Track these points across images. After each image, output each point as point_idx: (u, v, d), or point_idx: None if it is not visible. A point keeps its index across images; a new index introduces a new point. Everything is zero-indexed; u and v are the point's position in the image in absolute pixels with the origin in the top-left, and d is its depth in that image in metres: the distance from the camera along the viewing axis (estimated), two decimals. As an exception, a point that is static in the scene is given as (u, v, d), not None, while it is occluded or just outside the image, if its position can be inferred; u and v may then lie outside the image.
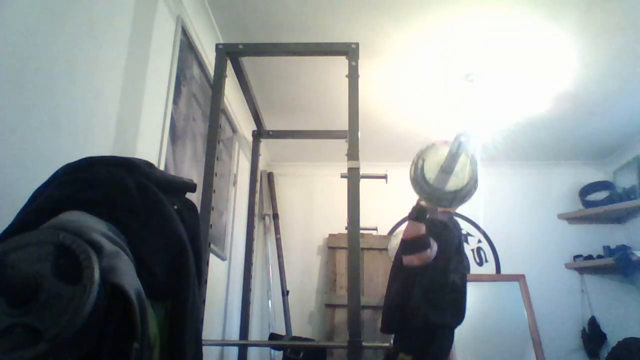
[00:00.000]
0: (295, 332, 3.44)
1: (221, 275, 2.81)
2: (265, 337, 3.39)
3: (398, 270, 2.23)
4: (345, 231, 1.99)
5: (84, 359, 0.64)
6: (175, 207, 0.89)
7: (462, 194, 1.89)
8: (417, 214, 2.02)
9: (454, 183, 1.86)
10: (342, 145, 2.09)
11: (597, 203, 3.71)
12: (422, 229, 2.01)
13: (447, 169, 1.85)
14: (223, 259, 2.80)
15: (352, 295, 1.71)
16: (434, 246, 2.02)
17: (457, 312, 2.16)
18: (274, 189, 3.95)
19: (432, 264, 2.04)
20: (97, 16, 1.38)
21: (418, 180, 1.91)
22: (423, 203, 2.04)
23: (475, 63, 2.62)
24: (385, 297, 2.32)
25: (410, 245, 2.04)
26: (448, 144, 1.87)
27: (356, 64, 1.95)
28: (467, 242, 3.85)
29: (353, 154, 1.86)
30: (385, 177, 2.19)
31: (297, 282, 3.76)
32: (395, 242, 3.30)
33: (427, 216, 2.03)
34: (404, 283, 2.15)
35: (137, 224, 0.80)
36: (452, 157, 1.83)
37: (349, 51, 1.97)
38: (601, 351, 3.43)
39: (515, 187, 3.97)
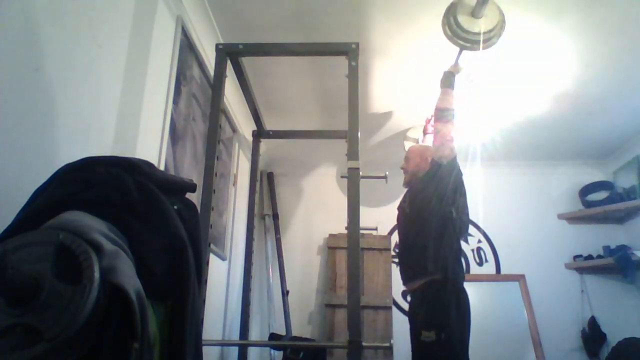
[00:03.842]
0: (295, 332, 3.44)
1: (221, 275, 2.81)
2: (265, 337, 3.39)
3: (409, 217, 2.33)
4: (345, 231, 1.99)
5: (84, 359, 0.64)
6: (175, 207, 0.90)
7: (496, 31, 2.07)
8: (445, 79, 2.34)
9: (486, 24, 2.05)
10: (342, 145, 2.09)
11: (597, 203, 3.71)
12: (452, 97, 2.29)
13: (477, 14, 2.02)
14: (223, 259, 2.80)
15: (352, 295, 1.71)
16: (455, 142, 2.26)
17: (460, 262, 2.21)
18: (274, 189, 3.95)
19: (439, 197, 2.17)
20: (97, 16, 1.38)
21: (454, 31, 2.08)
22: (451, 69, 2.34)
23: (475, 63, 2.62)
24: (400, 247, 2.42)
25: (443, 112, 2.27)
26: None
27: (356, 64, 1.95)
28: (467, 242, 3.85)
29: (353, 154, 1.86)
30: (385, 177, 2.20)
31: (297, 282, 3.76)
32: (407, 144, 3.27)
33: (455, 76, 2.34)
34: (415, 229, 2.25)
35: (137, 224, 0.80)
36: (482, 2, 1.97)
37: (349, 51, 1.97)
38: (601, 351, 3.43)
39: (515, 187, 3.96)
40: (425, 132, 2.92)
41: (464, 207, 2.24)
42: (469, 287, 2.20)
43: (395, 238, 3.81)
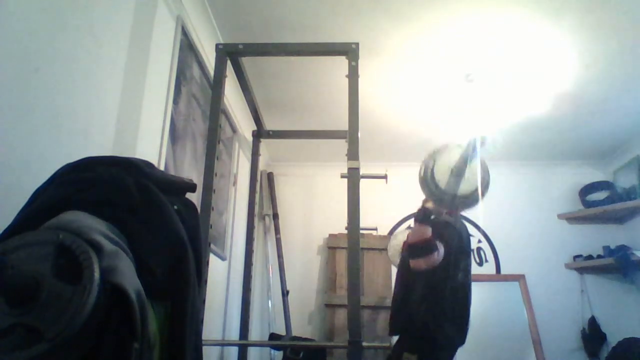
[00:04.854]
0: (295, 332, 3.44)
1: (221, 275, 2.81)
2: (265, 337, 3.39)
3: (403, 271, 2.20)
4: (345, 231, 1.98)
5: (84, 359, 0.64)
6: (175, 207, 0.89)
7: (469, 201, 1.87)
8: (422, 217, 1.95)
9: (463, 188, 1.84)
10: (342, 145, 2.09)
11: (597, 203, 3.71)
12: (428, 231, 1.93)
13: (457, 173, 1.83)
14: (223, 259, 2.80)
15: (352, 295, 1.71)
16: (441, 249, 1.94)
17: (459, 323, 2.03)
18: (274, 189, 3.95)
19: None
20: (97, 16, 1.38)
21: (427, 180, 1.89)
22: (429, 205, 2.00)
23: (475, 63, 2.62)
24: (392, 298, 2.30)
25: (416, 249, 1.95)
26: (462, 147, 1.85)
27: (356, 64, 1.95)
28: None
29: (353, 154, 1.86)
30: (385, 177, 2.19)
31: (297, 282, 3.76)
32: (394, 242, 3.29)
33: (432, 217, 1.95)
34: (407, 284, 2.13)
35: (137, 224, 0.80)
36: (464, 161, 1.81)
37: (349, 51, 1.97)
38: (601, 351, 3.43)
39: (515, 187, 3.96)
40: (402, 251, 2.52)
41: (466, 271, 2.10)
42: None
43: (395, 238, 3.81)
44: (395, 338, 2.23)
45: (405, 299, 2.10)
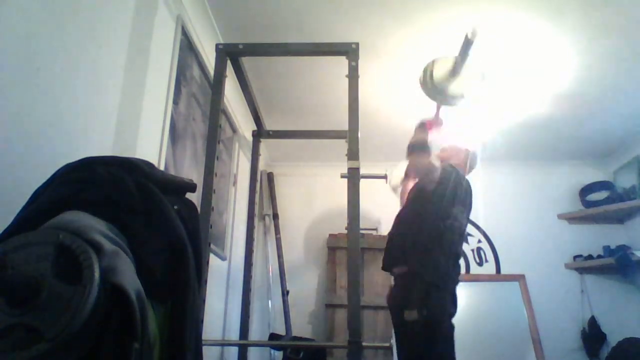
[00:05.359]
0: (295, 332, 3.44)
1: (221, 275, 2.81)
2: (265, 337, 3.39)
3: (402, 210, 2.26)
4: (345, 231, 1.99)
5: (84, 359, 0.64)
6: (175, 207, 0.89)
7: (454, 100, 1.98)
8: (419, 146, 2.09)
9: (457, 85, 1.94)
10: (342, 145, 2.09)
11: (597, 203, 3.71)
12: (427, 134, 2.09)
13: (453, 72, 1.92)
14: (223, 259, 2.80)
15: (352, 295, 1.71)
16: (438, 164, 2.06)
17: (452, 266, 2.08)
18: (274, 189, 3.95)
19: (430, 207, 2.05)
20: (97, 16, 1.38)
21: (426, 76, 1.98)
22: (423, 136, 2.14)
23: (475, 63, 2.62)
24: (388, 234, 2.32)
25: (415, 145, 2.09)
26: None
27: (356, 64, 1.95)
28: (467, 242, 3.85)
29: (353, 154, 1.86)
30: (385, 177, 2.20)
31: (297, 282, 3.76)
32: (396, 173, 3.22)
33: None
34: (402, 219, 2.17)
35: (137, 223, 0.80)
36: (462, 58, 1.88)
37: (349, 51, 1.97)
38: (601, 351, 3.43)
39: (515, 187, 3.96)
40: (406, 175, 2.63)
41: (460, 218, 2.16)
42: (469, 287, 2.20)
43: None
44: (393, 339, 2.23)
45: (398, 233, 2.17)
